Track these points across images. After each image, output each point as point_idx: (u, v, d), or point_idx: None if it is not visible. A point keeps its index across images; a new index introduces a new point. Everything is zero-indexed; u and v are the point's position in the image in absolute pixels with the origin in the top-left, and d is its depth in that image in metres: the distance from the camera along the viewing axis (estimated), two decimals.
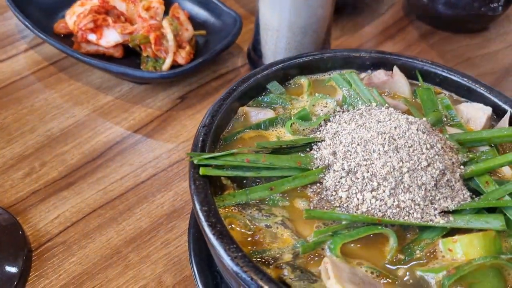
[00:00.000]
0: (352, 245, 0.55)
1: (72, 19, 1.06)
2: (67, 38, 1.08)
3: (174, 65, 1.02)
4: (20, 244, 0.74)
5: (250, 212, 0.58)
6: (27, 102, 0.99)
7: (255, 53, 1.05)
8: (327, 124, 0.66)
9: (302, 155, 0.62)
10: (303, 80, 0.75)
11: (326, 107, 0.71)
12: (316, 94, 0.72)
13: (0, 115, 0.96)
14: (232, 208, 0.58)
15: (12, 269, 0.71)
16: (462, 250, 0.53)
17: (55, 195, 0.83)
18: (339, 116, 0.67)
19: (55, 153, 0.90)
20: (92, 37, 1.03)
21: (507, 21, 1.30)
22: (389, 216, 0.56)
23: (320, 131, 0.66)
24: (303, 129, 0.67)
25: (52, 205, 0.82)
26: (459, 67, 1.15)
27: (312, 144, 0.64)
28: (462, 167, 0.61)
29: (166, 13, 1.10)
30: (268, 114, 0.69)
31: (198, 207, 0.55)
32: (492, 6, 1.18)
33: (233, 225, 0.56)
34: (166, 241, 0.78)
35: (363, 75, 0.76)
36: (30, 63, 1.08)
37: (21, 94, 1.01)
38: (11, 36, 1.15)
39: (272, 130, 0.68)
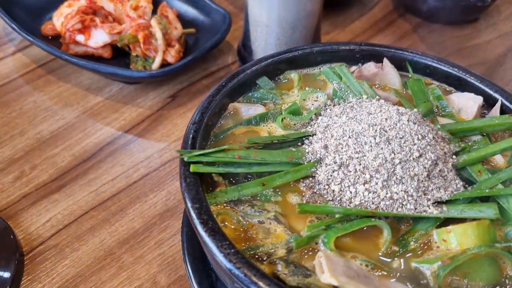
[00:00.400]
0: (346, 238, 0.55)
1: (60, 20, 1.05)
2: (55, 40, 1.07)
3: (164, 64, 1.01)
4: (11, 248, 0.73)
5: (243, 209, 0.57)
6: (16, 105, 0.98)
7: (245, 50, 1.04)
8: (318, 118, 0.66)
9: (293, 149, 0.62)
10: (293, 75, 0.75)
11: (316, 101, 0.70)
12: (307, 88, 0.72)
13: None
14: (224, 205, 0.57)
15: (4, 274, 0.70)
16: (457, 240, 0.53)
17: (46, 198, 0.82)
18: (330, 110, 0.67)
19: (45, 155, 0.89)
20: (80, 38, 1.02)
21: (496, 12, 1.30)
22: (382, 208, 0.55)
23: (311, 125, 0.65)
24: (294, 124, 0.67)
25: (44, 208, 0.81)
26: (450, 58, 1.13)
27: (304, 139, 0.63)
28: (454, 157, 0.61)
29: (154, 12, 1.09)
30: (259, 109, 0.69)
31: (189, 204, 0.54)
32: None
33: (225, 222, 0.56)
34: (159, 241, 0.77)
35: (353, 68, 0.76)
36: (18, 65, 1.07)
37: (10, 97, 1.00)
38: None
39: (263, 126, 0.67)
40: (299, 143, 0.63)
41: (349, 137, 0.58)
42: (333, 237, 0.53)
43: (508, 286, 0.51)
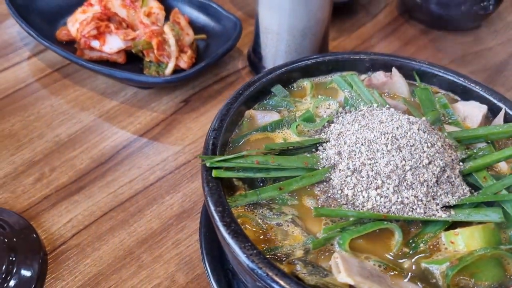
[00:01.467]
0: (359, 240, 0.58)
1: (75, 26, 1.08)
2: (69, 45, 1.09)
3: (177, 70, 1.04)
4: (35, 247, 0.77)
5: (262, 211, 0.60)
6: (33, 109, 1.01)
7: (255, 56, 1.08)
8: (330, 125, 0.69)
9: (308, 155, 0.65)
10: (306, 83, 0.78)
11: (329, 108, 0.73)
12: (319, 96, 0.75)
13: (8, 122, 0.98)
14: (244, 208, 0.61)
15: (29, 272, 0.73)
16: (464, 242, 0.56)
17: (66, 199, 0.86)
18: (342, 117, 0.70)
19: (64, 158, 0.92)
20: (95, 43, 1.05)
21: (498, 19, 1.34)
22: (393, 212, 0.58)
23: (324, 132, 0.69)
24: (308, 130, 0.70)
25: (64, 209, 0.84)
26: (453, 64, 1.18)
27: (318, 145, 0.66)
28: (461, 163, 0.64)
29: (166, 18, 1.12)
30: (274, 116, 0.72)
31: (212, 208, 0.57)
32: (483, 4, 1.21)
33: (246, 225, 0.59)
34: (177, 241, 0.81)
35: (363, 76, 0.79)
36: (34, 70, 1.10)
37: (27, 101, 1.03)
38: (13, 44, 1.17)
39: (278, 132, 0.70)
40: (314, 149, 0.66)
41: (362, 144, 0.62)
42: (348, 239, 0.56)
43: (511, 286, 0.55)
